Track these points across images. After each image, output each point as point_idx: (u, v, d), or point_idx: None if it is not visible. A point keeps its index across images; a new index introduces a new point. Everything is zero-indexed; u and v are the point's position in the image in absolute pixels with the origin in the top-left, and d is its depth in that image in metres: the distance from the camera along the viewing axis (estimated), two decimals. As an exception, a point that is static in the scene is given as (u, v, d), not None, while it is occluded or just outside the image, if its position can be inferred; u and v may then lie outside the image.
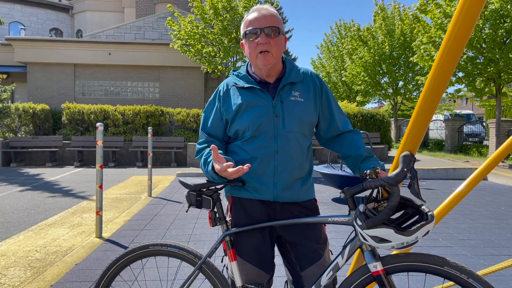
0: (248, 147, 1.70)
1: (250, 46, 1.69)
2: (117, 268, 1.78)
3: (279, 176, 1.68)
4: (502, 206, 6.44)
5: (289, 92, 1.72)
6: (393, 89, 20.71)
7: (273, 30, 1.66)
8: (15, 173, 10.52)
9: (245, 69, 1.80)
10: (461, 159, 13.19)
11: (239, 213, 1.76)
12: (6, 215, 5.62)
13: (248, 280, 1.74)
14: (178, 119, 13.66)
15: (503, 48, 11.39)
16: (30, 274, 3.38)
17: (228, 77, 1.85)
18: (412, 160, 1.44)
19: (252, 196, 1.72)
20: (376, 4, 19.92)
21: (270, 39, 1.65)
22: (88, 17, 25.22)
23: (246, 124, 1.68)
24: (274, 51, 1.66)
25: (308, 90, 1.75)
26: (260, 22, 1.65)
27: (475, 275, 1.32)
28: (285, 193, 1.70)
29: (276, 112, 1.68)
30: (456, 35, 1.31)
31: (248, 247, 1.73)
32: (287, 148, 1.68)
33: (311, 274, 1.72)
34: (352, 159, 1.74)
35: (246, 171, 1.50)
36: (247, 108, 1.69)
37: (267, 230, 1.74)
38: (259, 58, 1.66)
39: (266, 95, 1.70)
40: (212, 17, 14.19)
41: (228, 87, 1.78)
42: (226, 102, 1.75)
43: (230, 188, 1.79)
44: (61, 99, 16.23)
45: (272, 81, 1.74)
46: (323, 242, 1.77)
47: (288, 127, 1.68)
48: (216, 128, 1.79)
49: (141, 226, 5.00)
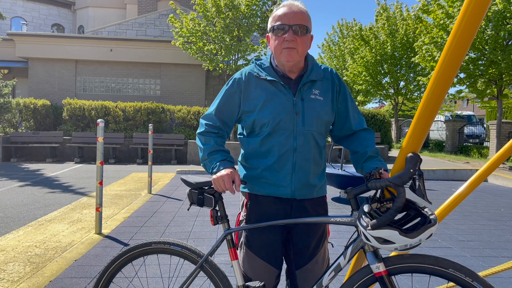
0: (267, 144, 1.70)
1: (276, 40, 1.67)
2: (118, 265, 1.78)
3: (297, 174, 1.69)
4: (502, 208, 6.44)
5: (309, 90, 1.72)
6: (394, 89, 20.69)
7: (301, 28, 1.64)
8: (15, 168, 10.52)
9: (268, 60, 1.78)
10: (462, 160, 13.18)
11: (254, 209, 1.76)
12: (6, 210, 5.62)
13: (256, 275, 1.74)
14: (179, 116, 13.65)
15: (505, 50, 11.37)
16: (30, 269, 3.38)
17: (249, 66, 1.81)
18: (418, 161, 1.43)
19: (269, 193, 1.72)
20: (378, 4, 19.88)
21: (297, 36, 1.63)
22: (90, 13, 25.19)
23: (266, 119, 1.67)
24: (300, 49, 1.65)
25: (327, 88, 1.76)
26: (289, 19, 1.64)
27: (479, 278, 1.32)
28: (302, 190, 1.71)
29: (296, 109, 1.68)
30: (461, 36, 1.30)
31: (260, 243, 1.73)
32: (306, 146, 1.69)
33: (305, 272, 1.75)
34: (358, 156, 1.74)
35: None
36: (268, 102, 1.68)
37: (280, 226, 1.74)
38: (283, 53, 1.65)
39: (287, 91, 1.70)
40: (214, 15, 14.17)
41: (249, 76, 1.75)
42: (247, 91, 1.73)
43: (247, 184, 1.78)
44: (62, 95, 16.23)
45: (294, 77, 1.73)
46: (324, 239, 1.79)
47: (307, 125, 1.68)
48: (228, 114, 1.77)
49: (141, 223, 4.99)
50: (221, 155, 1.69)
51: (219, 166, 1.64)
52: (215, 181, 1.61)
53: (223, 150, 1.72)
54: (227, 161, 1.67)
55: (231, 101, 1.75)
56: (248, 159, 1.77)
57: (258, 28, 14.91)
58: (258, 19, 14.77)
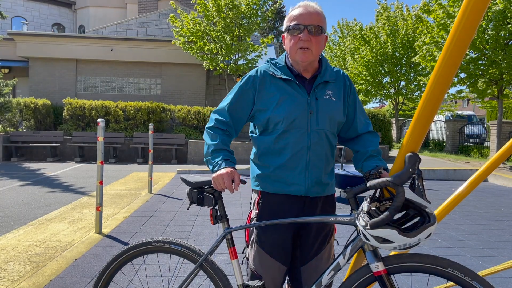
0: (281, 142, 1.72)
1: (292, 40, 1.69)
2: (118, 264, 1.78)
3: (311, 172, 1.72)
4: (502, 208, 6.44)
5: (323, 90, 1.75)
6: (394, 89, 20.68)
7: (316, 28, 1.66)
8: (15, 167, 10.52)
9: (283, 60, 1.80)
10: (462, 160, 13.18)
11: (266, 207, 1.77)
12: (6, 210, 5.63)
13: (266, 272, 1.76)
14: (179, 116, 13.65)
15: (506, 50, 11.36)
16: (30, 268, 3.38)
17: (264, 64, 1.83)
18: (417, 161, 1.44)
19: (283, 191, 1.74)
20: (379, 3, 19.87)
21: (312, 36, 1.66)
22: (90, 13, 25.19)
23: (281, 116, 1.69)
24: (314, 49, 1.67)
25: (339, 90, 1.79)
26: (304, 19, 1.66)
27: (478, 278, 1.32)
28: (315, 188, 1.74)
29: (311, 108, 1.70)
30: (460, 36, 1.31)
31: (272, 241, 1.75)
32: (320, 144, 1.72)
33: (310, 268, 1.77)
34: (359, 155, 1.77)
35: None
36: (283, 101, 1.70)
37: (291, 224, 1.76)
38: (298, 53, 1.67)
39: (302, 90, 1.72)
40: (214, 15, 14.16)
41: (265, 74, 1.77)
42: (261, 89, 1.75)
43: (259, 182, 1.79)
44: (62, 95, 16.22)
45: (309, 77, 1.76)
46: (330, 236, 1.82)
47: (321, 124, 1.71)
48: (241, 110, 1.78)
49: (141, 223, 5.00)
50: (224, 154, 1.69)
51: (220, 165, 1.64)
52: (214, 179, 1.62)
53: (227, 149, 1.72)
54: (229, 161, 1.68)
55: (245, 97, 1.77)
56: (260, 156, 1.79)
57: (259, 27, 14.91)
58: (259, 19, 14.76)
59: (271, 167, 1.74)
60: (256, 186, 1.81)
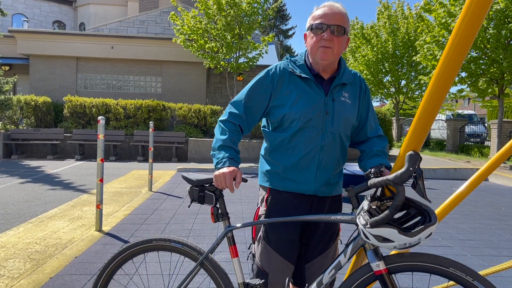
0: (294, 140, 1.72)
1: (314, 38, 1.69)
2: (119, 261, 1.78)
3: (322, 172, 1.72)
4: (502, 207, 6.44)
5: (340, 92, 1.75)
6: (395, 88, 20.66)
7: (339, 29, 1.66)
8: (16, 165, 10.53)
9: (303, 58, 1.79)
10: (462, 159, 13.17)
11: (275, 205, 1.77)
12: (7, 207, 5.63)
13: (273, 269, 1.76)
14: (179, 114, 13.65)
15: (507, 49, 11.34)
16: (30, 266, 3.38)
17: (282, 61, 1.82)
18: (418, 159, 1.43)
19: (292, 189, 1.74)
20: (380, 2, 19.84)
21: (334, 37, 1.66)
22: (91, 10, 25.16)
23: (297, 114, 1.69)
24: (335, 49, 1.67)
25: (355, 93, 1.80)
26: (328, 19, 1.66)
27: (480, 277, 1.31)
28: (324, 188, 1.74)
29: (327, 109, 1.70)
30: (462, 35, 1.30)
31: (279, 238, 1.75)
32: (333, 145, 1.72)
33: (314, 265, 1.78)
34: (364, 154, 1.78)
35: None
36: (300, 99, 1.70)
37: (299, 222, 1.76)
38: (319, 51, 1.67)
39: (320, 90, 1.72)
40: (215, 13, 14.13)
41: (284, 71, 1.76)
42: (279, 85, 1.74)
43: (269, 178, 1.79)
44: (63, 92, 16.21)
45: (327, 77, 1.75)
46: (336, 235, 1.83)
47: (336, 125, 1.71)
48: (256, 104, 1.77)
49: (141, 221, 5.00)
50: (230, 153, 1.68)
51: (224, 163, 1.64)
52: (216, 177, 1.61)
53: (233, 148, 1.71)
54: (233, 160, 1.67)
55: (262, 91, 1.76)
56: (272, 153, 1.78)
57: (260, 26, 14.88)
58: (260, 17, 14.72)
59: (282, 165, 1.74)
60: (265, 182, 1.81)
